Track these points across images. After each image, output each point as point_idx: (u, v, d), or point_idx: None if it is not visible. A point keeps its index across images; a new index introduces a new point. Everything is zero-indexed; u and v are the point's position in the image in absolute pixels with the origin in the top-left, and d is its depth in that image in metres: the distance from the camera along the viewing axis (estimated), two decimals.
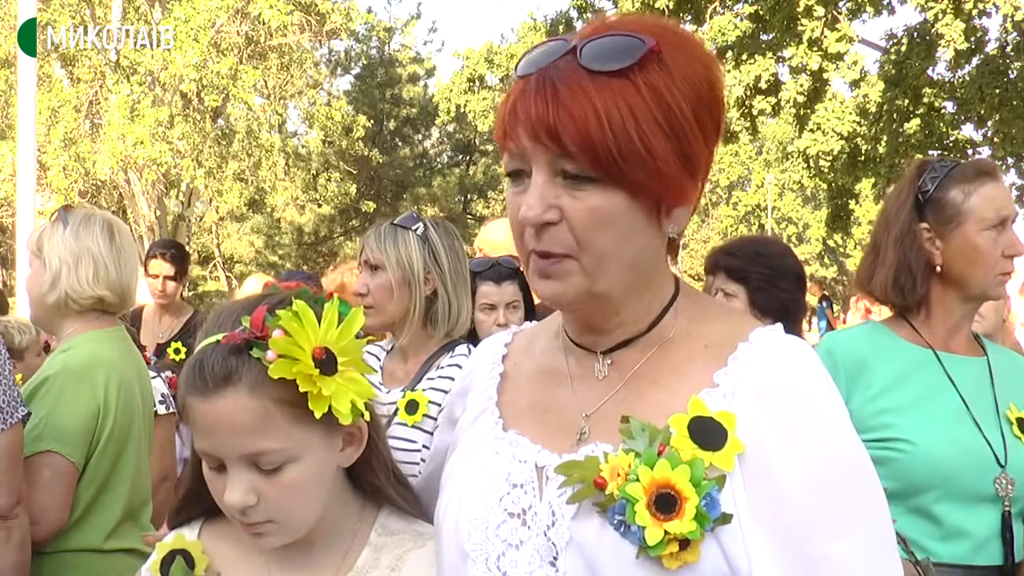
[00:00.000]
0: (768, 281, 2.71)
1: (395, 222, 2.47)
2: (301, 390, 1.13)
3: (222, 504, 1.19)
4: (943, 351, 2.05)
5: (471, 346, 2.45)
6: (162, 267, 4.80)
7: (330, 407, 1.15)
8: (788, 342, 1.06)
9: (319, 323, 1.15)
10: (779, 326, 1.10)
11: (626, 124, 0.97)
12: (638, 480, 0.95)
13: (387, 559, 1.26)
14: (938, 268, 2.05)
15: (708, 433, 0.98)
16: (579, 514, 1.01)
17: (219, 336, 1.17)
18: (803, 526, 0.97)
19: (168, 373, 3.85)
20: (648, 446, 0.98)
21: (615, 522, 0.96)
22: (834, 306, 13.22)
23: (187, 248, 5.45)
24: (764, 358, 1.03)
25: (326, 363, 1.14)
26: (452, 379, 2.30)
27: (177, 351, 4.67)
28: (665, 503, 0.94)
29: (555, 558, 1.01)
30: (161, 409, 3.21)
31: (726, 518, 0.95)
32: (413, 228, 2.42)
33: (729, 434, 0.98)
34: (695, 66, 1.02)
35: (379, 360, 2.51)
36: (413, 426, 2.25)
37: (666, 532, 0.93)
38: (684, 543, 0.94)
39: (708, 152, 1.05)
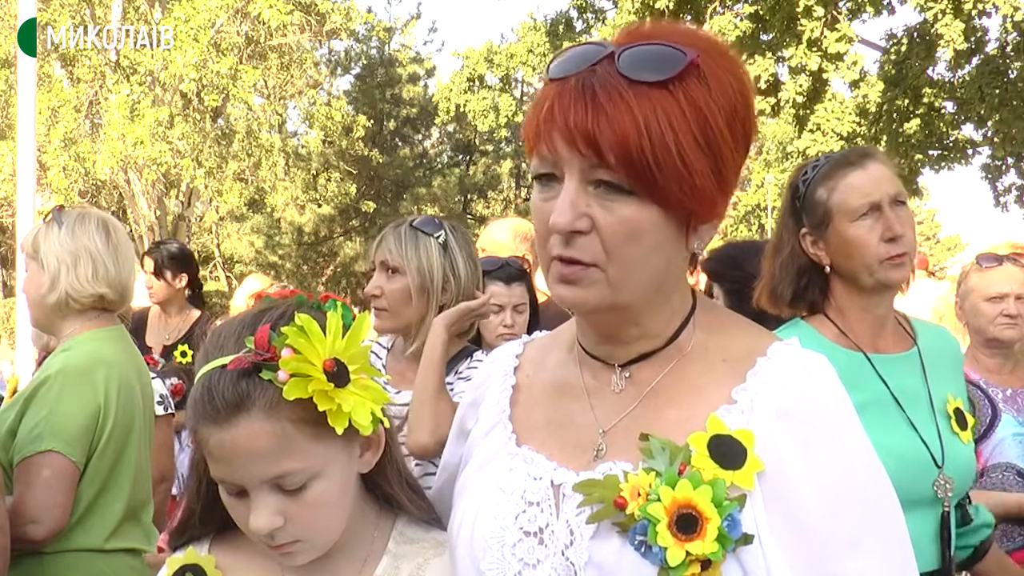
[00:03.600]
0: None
1: (416, 225, 2.41)
2: (320, 409, 1.11)
3: (247, 530, 1.16)
4: (873, 352, 1.97)
5: (484, 352, 2.43)
6: (148, 264, 4.70)
7: (350, 420, 1.12)
8: (807, 357, 1.05)
9: (324, 334, 1.13)
10: (796, 340, 1.09)
11: (665, 137, 0.95)
12: (659, 500, 0.95)
13: (407, 567, 1.24)
14: (827, 269, 2.00)
15: (728, 452, 0.97)
16: (598, 534, 1.00)
17: (224, 360, 1.14)
18: (822, 545, 0.97)
19: (174, 380, 3.83)
20: (669, 465, 0.97)
21: (636, 542, 0.95)
22: None
23: (186, 246, 5.31)
24: (783, 374, 1.03)
25: (338, 375, 1.12)
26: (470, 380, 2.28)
27: (184, 353, 4.63)
28: (686, 523, 0.94)
29: None
30: (159, 410, 3.18)
31: (748, 539, 0.95)
32: (435, 235, 2.38)
33: (749, 453, 0.97)
34: (731, 80, 1.01)
35: (380, 359, 2.48)
36: None
37: (688, 553, 0.93)
38: (706, 564, 0.93)
39: (738, 168, 1.03)
